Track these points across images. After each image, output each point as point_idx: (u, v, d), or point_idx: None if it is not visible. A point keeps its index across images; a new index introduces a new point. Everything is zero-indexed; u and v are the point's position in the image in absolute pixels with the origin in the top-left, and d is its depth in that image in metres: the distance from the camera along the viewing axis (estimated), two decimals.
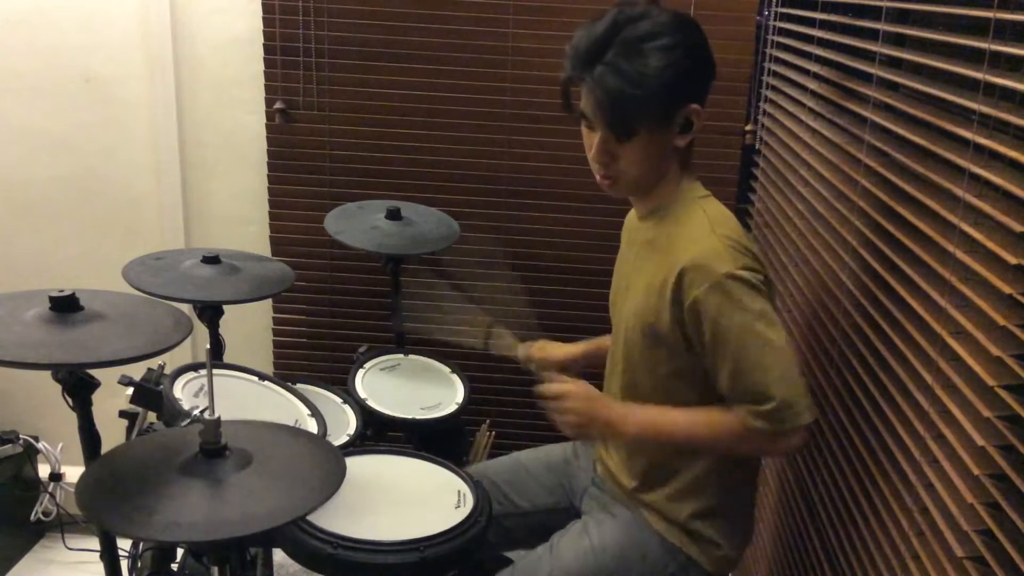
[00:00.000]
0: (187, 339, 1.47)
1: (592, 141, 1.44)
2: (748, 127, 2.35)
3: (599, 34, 1.37)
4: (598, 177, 1.49)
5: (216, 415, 1.21)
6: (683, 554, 1.52)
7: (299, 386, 1.83)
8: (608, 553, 1.54)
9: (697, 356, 1.42)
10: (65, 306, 1.41)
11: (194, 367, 1.67)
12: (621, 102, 1.36)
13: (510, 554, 1.72)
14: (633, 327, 1.49)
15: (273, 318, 2.59)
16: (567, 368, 1.84)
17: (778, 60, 2.20)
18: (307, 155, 2.45)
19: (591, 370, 1.78)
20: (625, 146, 1.41)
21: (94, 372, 1.44)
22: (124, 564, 1.68)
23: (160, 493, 1.14)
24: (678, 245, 1.41)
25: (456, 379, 2.07)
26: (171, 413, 1.53)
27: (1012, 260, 0.98)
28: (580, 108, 1.43)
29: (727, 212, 1.48)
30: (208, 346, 1.32)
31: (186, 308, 1.78)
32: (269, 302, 2.56)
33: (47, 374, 1.44)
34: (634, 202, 1.57)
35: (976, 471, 1.02)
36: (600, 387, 1.61)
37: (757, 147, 2.35)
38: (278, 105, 2.40)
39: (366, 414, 1.85)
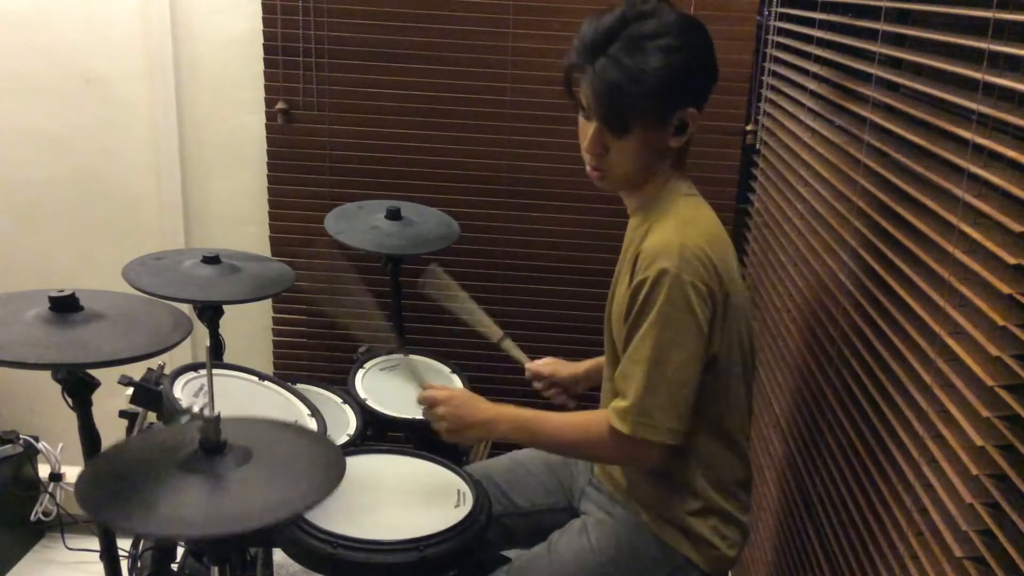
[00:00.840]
0: (187, 339, 1.47)
1: (587, 131, 1.45)
2: (748, 127, 2.35)
3: (606, 27, 1.38)
4: (588, 168, 1.50)
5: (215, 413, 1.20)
6: (680, 554, 1.52)
7: (299, 386, 1.83)
8: (605, 553, 1.54)
9: None
10: (65, 306, 1.41)
11: (194, 367, 1.67)
12: (618, 96, 1.37)
13: (509, 553, 1.72)
14: (616, 327, 1.50)
15: (273, 318, 2.59)
16: (573, 386, 1.86)
17: (778, 60, 2.20)
18: (307, 155, 2.46)
19: (594, 389, 1.79)
20: (618, 141, 1.43)
21: (94, 372, 1.45)
22: (124, 564, 1.68)
23: (160, 489, 1.14)
24: (647, 237, 1.43)
25: (456, 379, 2.07)
26: (171, 413, 1.53)
27: (1011, 260, 0.98)
28: (579, 97, 1.44)
29: (706, 216, 1.47)
30: (208, 346, 1.32)
31: (186, 308, 1.78)
32: (269, 302, 2.56)
33: (47, 374, 1.44)
34: (623, 197, 1.57)
35: (976, 471, 1.02)
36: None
37: (757, 147, 2.35)
38: (279, 105, 2.40)
39: (366, 414, 1.85)
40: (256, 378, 1.77)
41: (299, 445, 1.32)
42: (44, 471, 2.60)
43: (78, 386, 1.45)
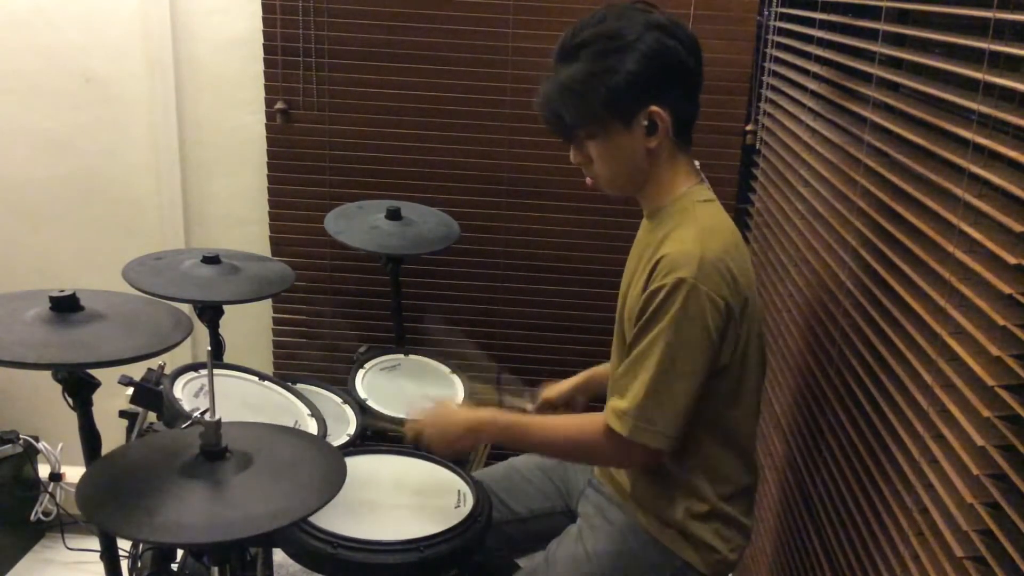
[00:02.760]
0: (187, 339, 1.47)
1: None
2: (748, 127, 2.35)
3: (561, 42, 1.44)
4: (586, 179, 1.53)
5: (216, 416, 1.21)
6: (679, 559, 1.52)
7: (299, 386, 1.83)
8: (603, 560, 1.53)
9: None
10: (65, 306, 1.41)
11: (194, 367, 1.67)
12: (547, 109, 1.44)
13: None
14: (629, 327, 1.49)
15: (273, 318, 2.59)
16: (569, 405, 1.87)
17: (778, 60, 2.20)
18: (307, 155, 2.45)
19: (594, 399, 1.79)
20: (589, 149, 1.46)
21: (94, 372, 1.44)
22: (124, 564, 1.68)
23: (161, 495, 1.14)
24: (664, 244, 1.42)
25: (456, 379, 2.07)
26: (171, 413, 1.53)
27: (1012, 260, 0.98)
28: None
29: (724, 223, 1.46)
30: (208, 346, 1.32)
31: (186, 308, 1.78)
32: (269, 302, 2.56)
33: (47, 374, 1.44)
34: (640, 202, 1.56)
35: (976, 471, 1.02)
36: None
37: (757, 147, 2.35)
38: (278, 105, 2.40)
39: (366, 414, 1.85)
40: (256, 378, 1.77)
41: (300, 450, 1.32)
42: (44, 471, 2.60)
43: (78, 386, 1.45)
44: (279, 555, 1.57)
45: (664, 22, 1.41)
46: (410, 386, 2.01)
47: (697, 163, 1.52)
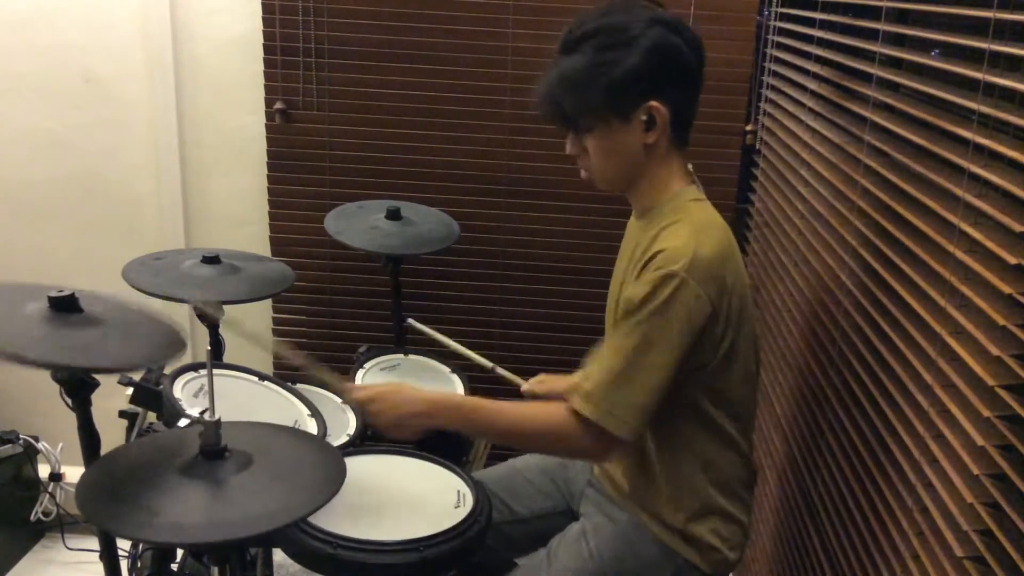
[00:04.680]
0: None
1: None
2: (748, 127, 2.35)
3: (564, 34, 1.45)
4: (581, 172, 1.53)
5: (216, 416, 1.21)
6: (680, 557, 1.52)
7: (299, 386, 1.83)
8: (605, 559, 1.53)
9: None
10: (64, 307, 1.41)
11: (194, 367, 1.67)
12: (547, 99, 1.44)
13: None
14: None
15: (273, 318, 2.59)
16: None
17: (778, 60, 2.20)
18: (307, 155, 2.45)
19: None
20: (587, 141, 1.45)
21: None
22: (124, 564, 1.68)
23: (161, 495, 1.14)
24: (659, 239, 1.42)
25: (456, 379, 2.07)
26: (171, 413, 1.53)
27: (1012, 260, 0.98)
28: None
29: (717, 222, 1.46)
30: (208, 346, 1.31)
31: (186, 308, 1.78)
32: (269, 302, 2.56)
33: (47, 374, 1.44)
34: (630, 200, 1.57)
35: (976, 471, 1.02)
36: None
37: (757, 147, 2.35)
38: (278, 105, 2.40)
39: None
40: (256, 378, 1.77)
41: (299, 450, 1.32)
42: (44, 471, 2.60)
43: (78, 386, 1.45)
44: (279, 555, 1.57)
45: (668, 19, 1.42)
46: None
47: (690, 166, 1.52)
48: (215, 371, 1.38)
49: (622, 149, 1.45)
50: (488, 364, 2.00)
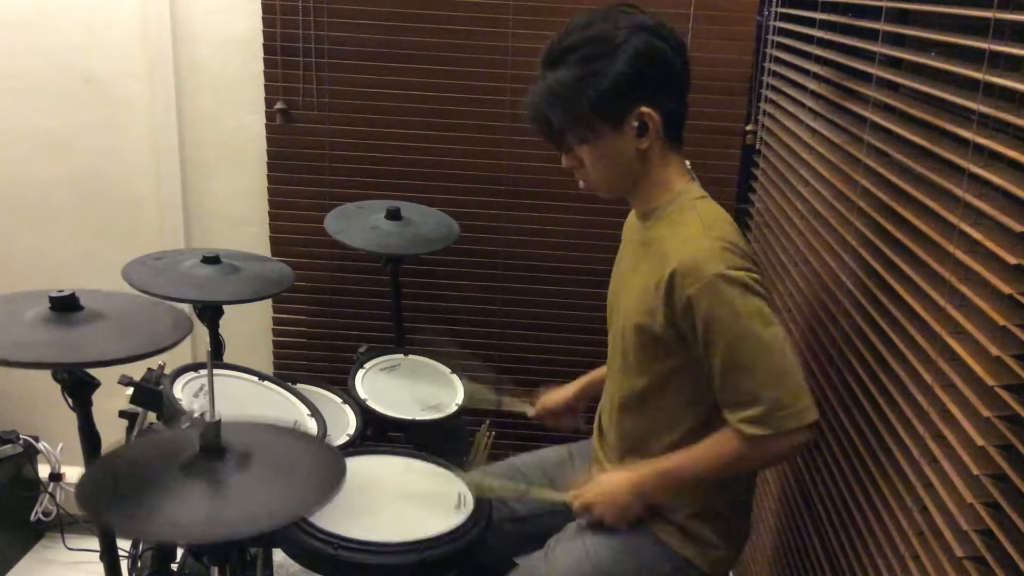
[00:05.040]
0: (187, 339, 1.47)
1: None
2: (748, 127, 2.35)
3: (547, 47, 1.45)
4: (579, 182, 1.54)
5: (216, 416, 1.21)
6: (679, 556, 1.52)
7: (299, 386, 1.83)
8: (603, 556, 1.53)
9: (692, 353, 1.42)
10: (65, 306, 1.41)
11: (194, 367, 1.67)
12: (536, 115, 1.44)
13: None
14: (628, 327, 1.49)
15: (273, 318, 2.59)
16: (571, 410, 1.87)
17: (778, 60, 2.20)
18: (307, 155, 2.45)
19: (592, 403, 1.80)
20: (581, 152, 1.46)
21: (94, 372, 1.44)
22: (124, 564, 1.68)
23: (161, 493, 1.14)
24: (671, 246, 1.41)
25: (456, 379, 2.07)
26: (171, 413, 1.53)
27: (1012, 260, 0.98)
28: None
29: (722, 213, 1.47)
30: (208, 346, 1.32)
31: (186, 308, 1.78)
32: (269, 302, 2.56)
33: (47, 374, 1.44)
34: (631, 203, 1.57)
35: (976, 471, 1.02)
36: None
37: (757, 147, 2.35)
38: (278, 105, 2.40)
39: (366, 414, 1.85)
40: (256, 378, 1.77)
41: (299, 449, 1.32)
42: (44, 471, 2.60)
43: (78, 386, 1.45)
44: (279, 555, 1.58)
45: (651, 23, 1.42)
46: (410, 386, 2.01)
47: (688, 162, 1.52)
48: (215, 371, 1.38)
49: (617, 157, 1.45)
50: (493, 400, 1.98)
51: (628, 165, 1.46)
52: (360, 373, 2.01)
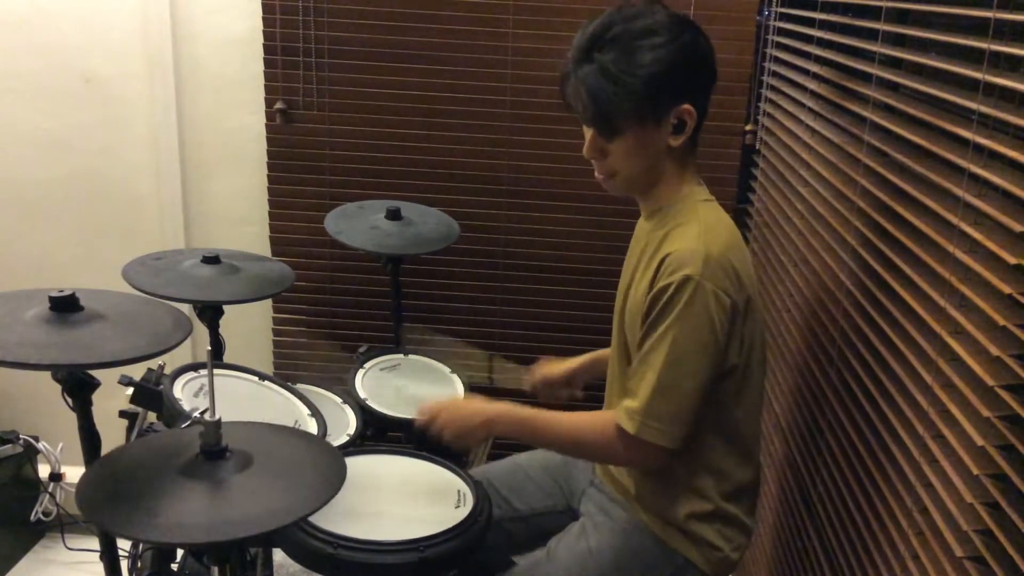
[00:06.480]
0: (187, 339, 1.47)
1: (585, 137, 1.47)
2: (748, 127, 2.35)
3: (591, 32, 1.40)
4: (596, 173, 1.51)
5: (216, 416, 1.21)
6: (681, 556, 1.52)
7: (299, 386, 1.83)
8: (605, 556, 1.53)
9: None
10: (65, 306, 1.41)
11: (194, 367, 1.67)
12: (601, 101, 1.39)
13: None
14: (630, 325, 1.50)
15: (273, 318, 2.59)
16: (570, 382, 1.87)
17: (778, 60, 2.20)
18: (307, 155, 2.45)
19: (594, 381, 1.79)
20: (614, 143, 1.44)
21: (94, 372, 1.44)
22: (124, 564, 1.68)
23: (161, 495, 1.14)
24: (668, 243, 1.42)
25: (456, 379, 2.07)
26: (171, 413, 1.53)
27: (1012, 260, 0.98)
28: (572, 103, 1.45)
29: (724, 219, 1.47)
30: (208, 346, 1.31)
31: (186, 308, 1.78)
32: (269, 302, 2.56)
33: (47, 374, 1.44)
34: (638, 202, 1.57)
35: (976, 471, 1.02)
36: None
37: (757, 147, 2.35)
38: (278, 105, 2.40)
39: (366, 414, 1.85)
40: (256, 378, 1.77)
41: (300, 449, 1.32)
42: (44, 471, 2.60)
43: (78, 386, 1.45)
44: (279, 555, 1.57)
45: (692, 22, 1.43)
46: (410, 386, 2.01)
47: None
48: (215, 371, 1.37)
49: (649, 151, 1.44)
50: (484, 380, 2.00)
51: (654, 160, 1.45)
52: (360, 373, 2.01)
